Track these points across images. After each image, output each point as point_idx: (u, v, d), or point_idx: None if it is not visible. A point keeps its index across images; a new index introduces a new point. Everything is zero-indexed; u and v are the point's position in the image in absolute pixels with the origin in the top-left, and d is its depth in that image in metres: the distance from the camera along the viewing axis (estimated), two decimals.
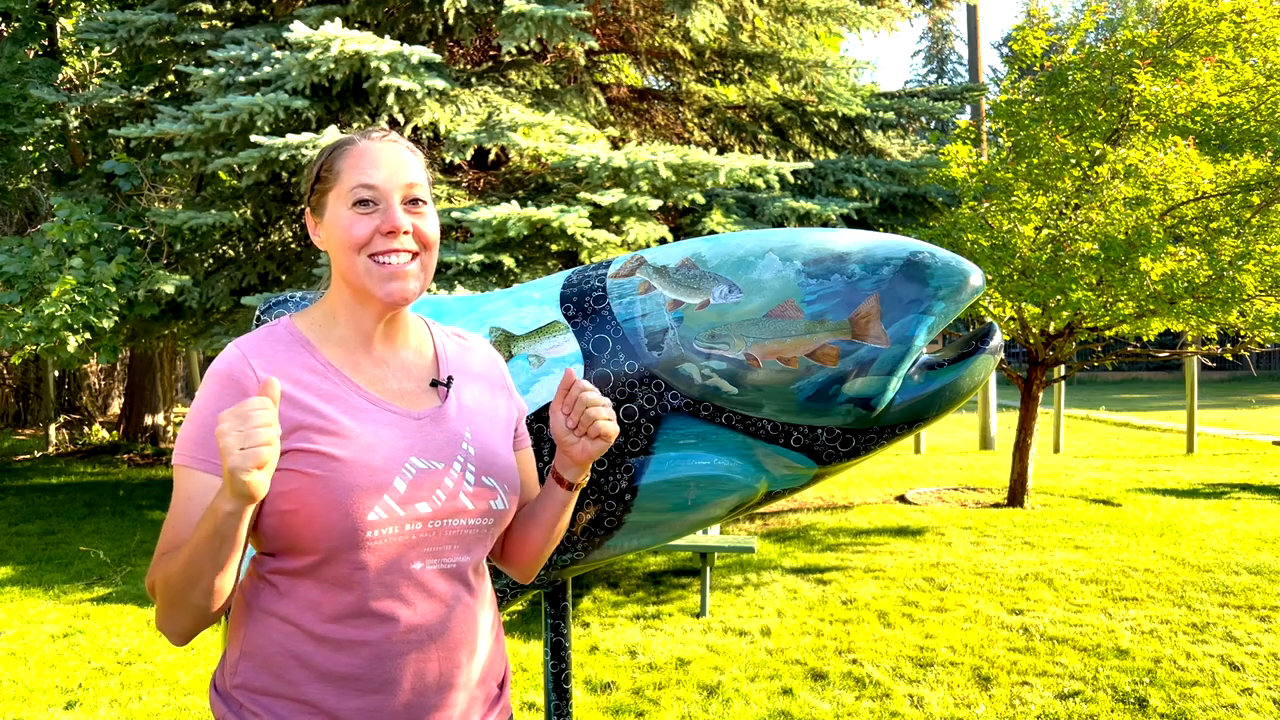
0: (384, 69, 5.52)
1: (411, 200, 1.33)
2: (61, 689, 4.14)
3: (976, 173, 7.67)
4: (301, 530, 1.24)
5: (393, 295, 1.30)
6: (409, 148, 1.37)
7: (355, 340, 1.34)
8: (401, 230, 1.30)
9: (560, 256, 5.84)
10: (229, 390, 1.26)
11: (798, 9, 7.42)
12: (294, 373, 1.28)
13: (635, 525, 1.97)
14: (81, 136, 9.88)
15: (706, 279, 1.89)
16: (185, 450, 1.26)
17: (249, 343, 1.31)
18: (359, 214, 1.30)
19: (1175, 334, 8.23)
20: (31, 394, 15.49)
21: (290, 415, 1.24)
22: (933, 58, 43.09)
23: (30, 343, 6.43)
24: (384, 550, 1.25)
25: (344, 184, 1.32)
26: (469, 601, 1.35)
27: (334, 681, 1.27)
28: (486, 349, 1.53)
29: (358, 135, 1.36)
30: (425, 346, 1.43)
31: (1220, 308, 6.69)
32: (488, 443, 1.38)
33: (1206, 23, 7.06)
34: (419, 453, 1.30)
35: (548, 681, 2.17)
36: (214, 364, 1.29)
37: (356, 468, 1.24)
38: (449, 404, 1.37)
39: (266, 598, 1.29)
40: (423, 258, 1.34)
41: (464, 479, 1.32)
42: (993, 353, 1.95)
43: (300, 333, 1.34)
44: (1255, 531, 6.81)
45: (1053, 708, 3.77)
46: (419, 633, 1.29)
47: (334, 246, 1.33)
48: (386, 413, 1.31)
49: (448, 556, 1.31)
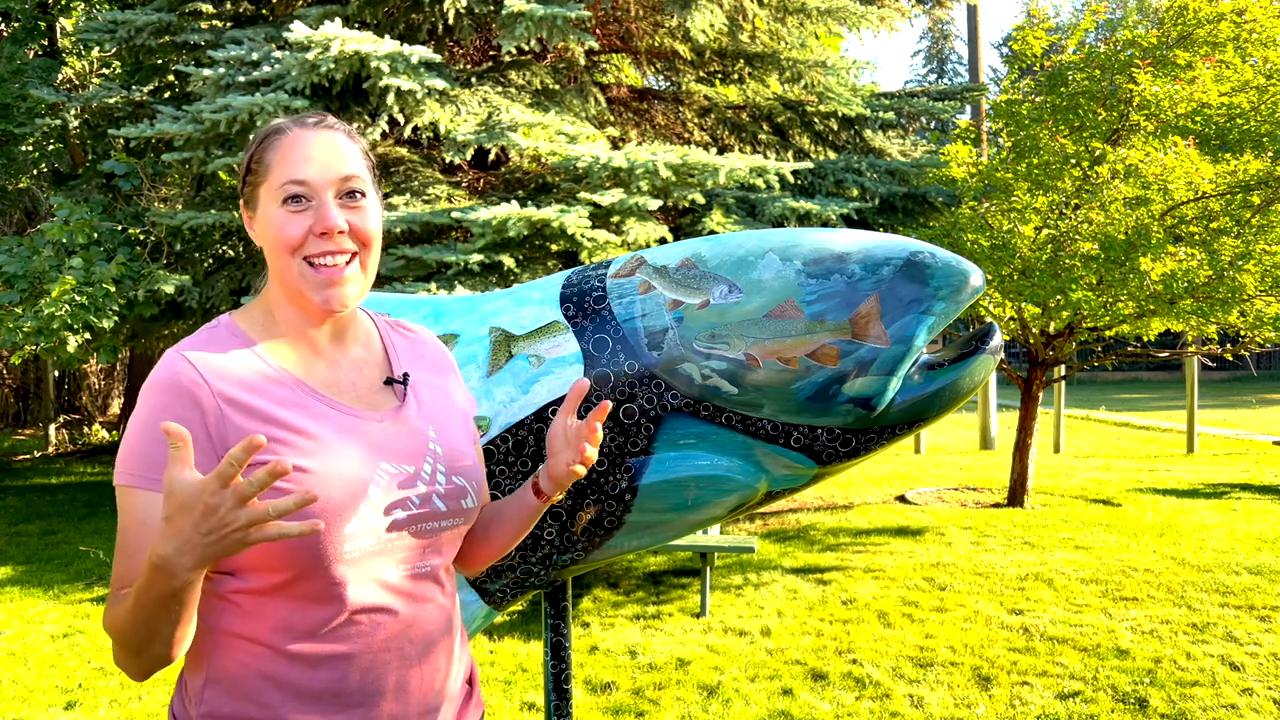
0: (384, 69, 5.52)
1: (348, 193, 1.22)
2: (61, 689, 4.14)
3: (976, 173, 7.67)
4: (270, 548, 1.14)
5: (329, 302, 1.21)
6: (347, 134, 1.26)
7: (301, 341, 1.25)
8: (336, 230, 1.19)
9: (560, 256, 5.84)
10: (178, 401, 1.14)
11: (798, 9, 7.42)
12: (246, 378, 1.18)
13: (635, 525, 1.97)
14: (81, 136, 9.87)
15: (706, 279, 1.89)
16: (129, 468, 1.14)
17: (193, 348, 1.19)
18: (290, 212, 1.20)
19: (1175, 334, 8.23)
20: (31, 394, 15.49)
21: (248, 427, 1.15)
22: (933, 58, 43.09)
23: (30, 343, 6.43)
24: (361, 562, 1.18)
25: (274, 178, 1.20)
26: (443, 602, 1.29)
27: (313, 699, 1.19)
28: (434, 340, 1.44)
29: (291, 122, 1.24)
30: (373, 342, 1.34)
31: (1220, 308, 6.69)
32: (452, 440, 1.31)
33: (1206, 23, 7.06)
34: (388, 457, 1.22)
35: (548, 681, 2.17)
36: (156, 371, 1.17)
37: (328, 479, 1.15)
38: (408, 403, 1.30)
39: (230, 619, 1.19)
40: (362, 257, 1.24)
41: (435, 480, 1.26)
42: (993, 353, 1.95)
43: (244, 333, 1.23)
44: (1255, 531, 6.81)
45: (1053, 708, 3.77)
46: (399, 640, 1.23)
47: (267, 246, 1.23)
48: (348, 417, 1.22)
49: (422, 560, 1.25)
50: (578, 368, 1.91)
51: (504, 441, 1.90)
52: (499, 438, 1.90)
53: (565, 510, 1.94)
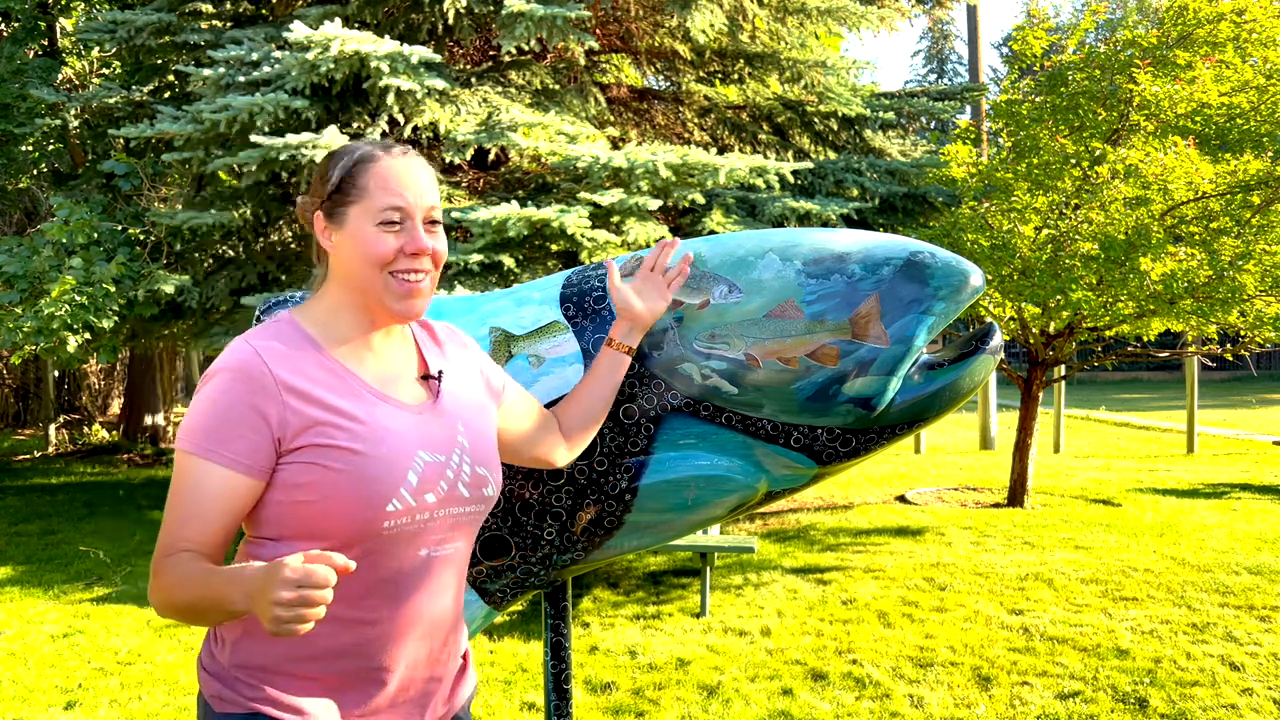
0: (384, 69, 5.52)
1: (430, 221, 1.39)
2: (61, 689, 4.14)
3: (976, 173, 7.67)
4: (319, 520, 1.30)
5: (409, 312, 1.38)
6: (425, 165, 1.42)
7: (358, 340, 1.40)
8: (425, 252, 1.37)
9: (560, 256, 5.84)
10: (245, 385, 1.29)
11: (798, 9, 7.42)
12: (307, 369, 1.32)
13: (635, 525, 1.97)
14: (81, 136, 9.87)
15: (706, 279, 1.89)
16: (195, 440, 1.29)
17: (260, 339, 1.34)
18: (385, 232, 1.35)
19: (1175, 334, 8.23)
20: (31, 394, 15.49)
21: (307, 412, 1.29)
22: (933, 58, 43.09)
23: (30, 343, 6.43)
24: (398, 539, 1.32)
25: (373, 201, 1.35)
26: (460, 584, 1.45)
27: (336, 658, 1.33)
28: (457, 334, 1.60)
29: (379, 149, 1.39)
30: (407, 341, 1.49)
31: (1220, 308, 6.69)
32: (478, 434, 1.46)
33: (1206, 23, 7.06)
34: (425, 445, 1.36)
35: (548, 681, 2.17)
36: (226, 357, 1.31)
37: (375, 461, 1.30)
38: (443, 397, 1.44)
39: None
40: (433, 276, 1.41)
41: (461, 470, 1.40)
42: (993, 353, 1.95)
43: (305, 330, 1.38)
44: (1255, 531, 6.81)
45: (1053, 708, 3.77)
46: (418, 613, 1.37)
47: (355, 258, 1.36)
48: (393, 408, 1.37)
49: (447, 543, 1.39)
50: (578, 368, 1.91)
51: None
52: None
53: (565, 510, 1.94)
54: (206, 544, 1.29)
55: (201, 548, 1.28)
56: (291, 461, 1.29)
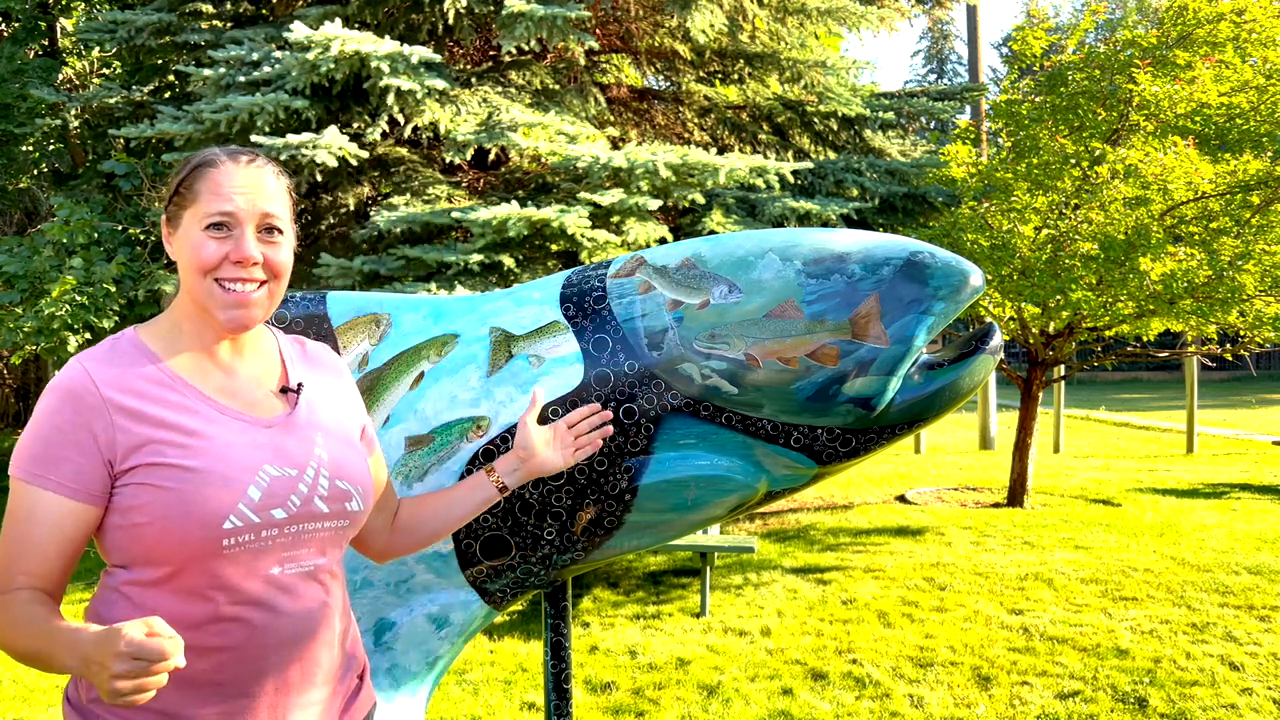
0: (384, 69, 5.52)
1: (266, 229, 1.33)
2: (61, 689, 4.14)
3: (976, 173, 7.67)
4: (155, 543, 1.24)
5: (234, 322, 1.32)
6: (275, 173, 1.37)
7: (201, 352, 1.35)
8: (251, 261, 1.31)
9: (560, 256, 5.84)
10: (72, 406, 1.24)
11: (798, 9, 7.42)
12: (139, 386, 1.28)
13: (635, 525, 1.97)
14: (81, 136, 9.87)
15: (706, 279, 1.89)
16: (24, 465, 1.25)
17: (91, 357, 1.30)
18: (211, 237, 1.30)
19: (1175, 334, 8.23)
20: (31, 394, 15.49)
21: (137, 430, 1.24)
22: (933, 58, 43.09)
23: (30, 343, 6.43)
24: (241, 558, 1.26)
25: (201, 206, 1.31)
26: (326, 601, 1.37)
27: (194, 688, 1.27)
28: (331, 356, 1.55)
29: (225, 154, 1.35)
30: (273, 354, 1.44)
31: (1220, 308, 6.69)
32: (339, 447, 1.40)
33: (1206, 23, 7.06)
34: (271, 460, 1.30)
35: (548, 681, 2.17)
36: (57, 378, 1.28)
37: (210, 477, 1.24)
38: (299, 410, 1.39)
39: (121, 610, 1.27)
40: (271, 286, 1.35)
41: (318, 484, 1.34)
42: (993, 353, 1.96)
43: (145, 344, 1.33)
44: (1255, 531, 6.81)
45: (1053, 708, 3.77)
46: (279, 635, 1.30)
47: (182, 264, 1.33)
48: (237, 421, 1.31)
49: (305, 559, 1.33)
50: (578, 368, 1.91)
51: (504, 442, 1.90)
52: (499, 438, 1.90)
53: (565, 510, 1.94)
54: (44, 576, 1.24)
55: (40, 581, 1.24)
56: (126, 484, 1.24)
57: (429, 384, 1.94)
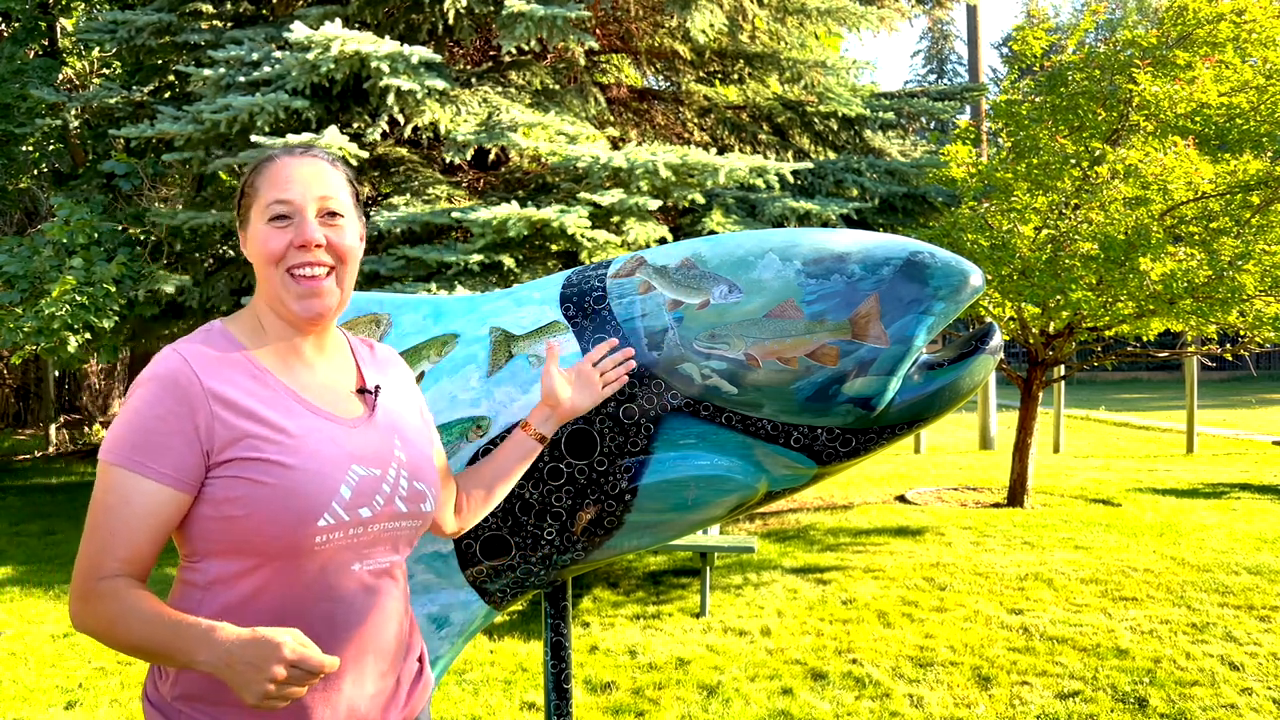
0: (384, 69, 5.52)
1: (328, 213, 1.36)
2: (61, 689, 4.14)
3: (976, 173, 7.67)
4: (249, 536, 1.27)
5: (308, 310, 1.35)
6: (330, 161, 1.40)
7: (286, 349, 1.38)
8: (314, 243, 1.33)
9: (560, 256, 5.84)
10: (171, 395, 1.26)
11: (798, 9, 7.42)
12: (234, 377, 1.30)
13: (635, 525, 1.97)
14: (81, 136, 9.87)
15: (706, 279, 1.89)
16: (120, 451, 1.25)
17: (189, 347, 1.31)
18: (274, 228, 1.34)
19: (1175, 334, 8.23)
20: (31, 394, 15.49)
21: (235, 423, 1.27)
22: (933, 58, 43.08)
23: (30, 343, 6.43)
24: (328, 554, 1.30)
25: (261, 200, 1.35)
26: (396, 595, 1.42)
27: None
28: (396, 357, 1.59)
29: (281, 151, 1.39)
30: (346, 355, 1.47)
31: (1220, 308, 6.69)
32: (415, 448, 1.44)
33: (1206, 23, 7.06)
34: (359, 460, 1.34)
35: (548, 681, 2.17)
36: (154, 366, 1.29)
37: (306, 475, 1.27)
38: (377, 412, 1.42)
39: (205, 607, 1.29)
40: (339, 272, 1.37)
41: (399, 484, 1.38)
42: (993, 353, 1.96)
43: (235, 338, 1.35)
44: (1255, 531, 6.81)
45: (1053, 708, 3.77)
46: (357, 629, 1.35)
47: (254, 260, 1.37)
48: (325, 421, 1.34)
49: (382, 556, 1.38)
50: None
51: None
52: (499, 437, 1.90)
53: (565, 510, 1.94)
54: (136, 563, 1.25)
55: (131, 568, 1.25)
56: (220, 475, 1.26)
57: (429, 384, 1.94)
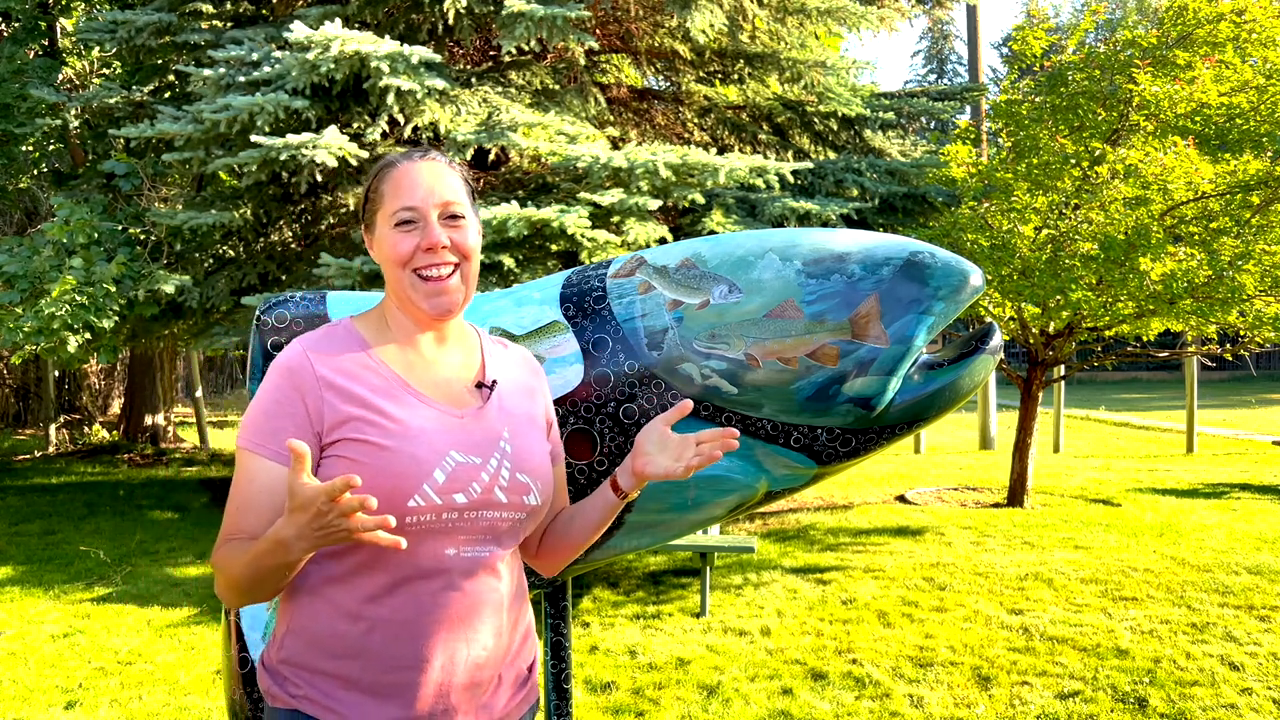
0: (384, 69, 5.52)
1: (450, 216, 1.44)
2: (61, 689, 4.14)
3: (976, 173, 7.67)
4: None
5: (438, 308, 1.43)
6: (448, 164, 1.49)
7: (407, 345, 1.47)
8: (440, 246, 1.42)
9: (560, 256, 5.84)
10: (289, 381, 1.39)
11: (798, 9, 7.42)
12: (348, 367, 1.41)
13: (635, 525, 1.97)
14: (81, 136, 9.87)
15: (706, 279, 1.89)
16: (247, 435, 1.39)
17: (310, 340, 1.44)
18: (402, 233, 1.43)
19: (1175, 334, 8.23)
20: (31, 394, 15.49)
21: (343, 407, 1.37)
22: (933, 58, 43.08)
23: (30, 343, 6.43)
24: (420, 535, 1.35)
25: (388, 206, 1.44)
26: (498, 588, 1.44)
27: (369, 658, 1.36)
28: (530, 359, 1.64)
29: (401, 157, 1.47)
30: (473, 352, 1.54)
31: (1220, 308, 6.69)
32: (524, 442, 1.48)
33: (1206, 23, 7.06)
34: (459, 447, 1.40)
35: (548, 681, 2.17)
36: (278, 357, 1.43)
37: (401, 456, 1.35)
38: (490, 404, 1.48)
39: (309, 578, 1.39)
40: (463, 269, 1.45)
41: (499, 474, 1.42)
42: (992, 353, 1.96)
43: (358, 332, 1.46)
44: (1255, 531, 6.81)
45: (1053, 708, 3.77)
46: (448, 614, 1.39)
47: (383, 263, 1.46)
48: (431, 409, 1.42)
49: (480, 545, 1.41)
50: (578, 367, 1.91)
51: None
52: None
53: None
54: (259, 531, 1.35)
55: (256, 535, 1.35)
56: (329, 455, 1.36)
57: None
